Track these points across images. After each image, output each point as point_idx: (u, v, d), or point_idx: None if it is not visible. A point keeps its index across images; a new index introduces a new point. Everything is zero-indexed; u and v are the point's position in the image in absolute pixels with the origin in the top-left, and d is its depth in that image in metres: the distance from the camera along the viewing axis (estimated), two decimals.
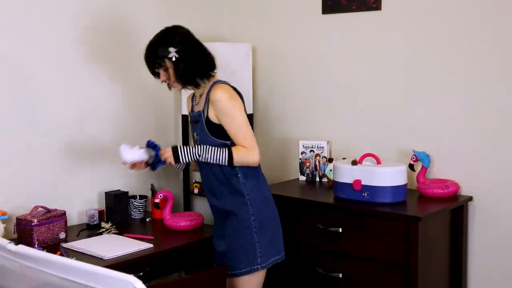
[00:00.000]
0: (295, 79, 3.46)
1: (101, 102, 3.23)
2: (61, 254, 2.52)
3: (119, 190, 3.26)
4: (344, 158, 3.10)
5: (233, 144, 2.51)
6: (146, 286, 1.52)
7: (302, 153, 3.29)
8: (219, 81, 2.55)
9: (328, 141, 3.27)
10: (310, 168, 3.28)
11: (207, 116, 2.52)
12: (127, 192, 3.24)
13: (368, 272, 2.68)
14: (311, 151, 3.27)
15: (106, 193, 3.19)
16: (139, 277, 1.59)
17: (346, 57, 3.27)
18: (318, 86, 3.38)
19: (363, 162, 2.81)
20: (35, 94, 2.96)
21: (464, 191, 2.90)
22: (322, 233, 2.79)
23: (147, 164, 2.62)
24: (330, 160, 3.21)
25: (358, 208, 2.69)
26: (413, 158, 2.94)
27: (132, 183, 3.38)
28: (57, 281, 1.68)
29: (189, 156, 2.52)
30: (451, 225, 2.83)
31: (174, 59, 2.49)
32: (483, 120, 2.84)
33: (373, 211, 2.65)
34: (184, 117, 3.43)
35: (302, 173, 3.32)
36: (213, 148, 2.49)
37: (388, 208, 2.65)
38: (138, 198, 3.28)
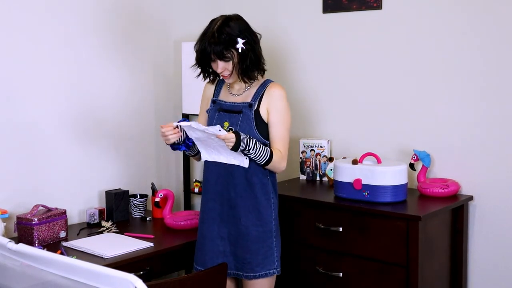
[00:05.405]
0: (295, 78, 3.46)
1: (101, 101, 3.23)
2: (62, 253, 2.52)
3: (119, 189, 3.27)
4: (345, 157, 3.09)
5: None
6: (147, 285, 1.52)
7: (302, 152, 3.29)
8: (272, 80, 2.56)
9: (328, 140, 3.26)
10: (311, 167, 3.28)
11: (258, 110, 2.48)
12: (128, 191, 3.24)
13: (368, 271, 2.68)
14: (311, 150, 3.26)
15: (106, 192, 3.19)
16: (140, 276, 1.59)
17: (346, 56, 3.26)
18: (318, 85, 3.38)
19: (363, 161, 2.80)
20: (34, 92, 2.96)
21: (465, 191, 2.90)
22: (323, 232, 2.79)
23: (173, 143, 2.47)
24: (330, 159, 3.21)
25: (359, 208, 2.69)
26: (414, 157, 2.94)
27: (132, 182, 3.38)
28: (57, 280, 1.67)
29: (244, 143, 2.36)
30: (452, 225, 2.83)
31: (240, 50, 2.43)
32: (484, 120, 2.83)
33: (374, 210, 2.65)
34: (185, 116, 3.43)
35: (302, 172, 3.32)
36: (260, 143, 2.42)
37: (388, 208, 2.65)
38: (138, 197, 3.28)
